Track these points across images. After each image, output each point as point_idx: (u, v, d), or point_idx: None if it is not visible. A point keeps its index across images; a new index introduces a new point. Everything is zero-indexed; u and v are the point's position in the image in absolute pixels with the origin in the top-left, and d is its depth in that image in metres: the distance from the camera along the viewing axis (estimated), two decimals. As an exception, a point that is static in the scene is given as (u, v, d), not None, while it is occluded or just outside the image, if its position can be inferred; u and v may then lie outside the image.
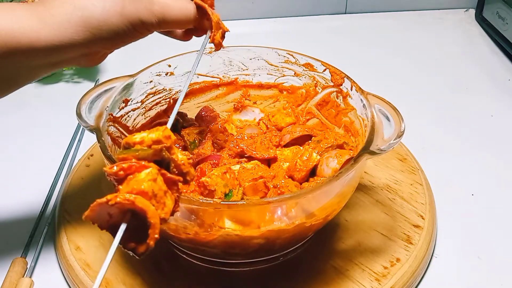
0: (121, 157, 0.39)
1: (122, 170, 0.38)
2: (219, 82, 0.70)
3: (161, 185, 0.38)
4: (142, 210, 0.36)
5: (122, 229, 0.36)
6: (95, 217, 0.37)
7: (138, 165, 0.38)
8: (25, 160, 0.75)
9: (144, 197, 0.36)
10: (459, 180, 0.70)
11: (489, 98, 0.88)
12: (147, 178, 0.37)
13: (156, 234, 0.36)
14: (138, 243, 0.37)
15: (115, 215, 0.37)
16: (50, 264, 0.59)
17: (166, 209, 0.38)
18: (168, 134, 0.40)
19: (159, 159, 0.39)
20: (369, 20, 1.14)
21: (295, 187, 0.56)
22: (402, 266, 0.55)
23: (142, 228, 0.36)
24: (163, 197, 0.38)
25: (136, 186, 0.37)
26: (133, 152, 0.39)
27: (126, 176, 0.38)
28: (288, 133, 0.63)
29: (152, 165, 0.38)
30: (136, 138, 0.40)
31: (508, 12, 0.95)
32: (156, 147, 0.39)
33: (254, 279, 0.55)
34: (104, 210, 0.36)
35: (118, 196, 0.35)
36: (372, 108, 0.54)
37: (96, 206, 0.36)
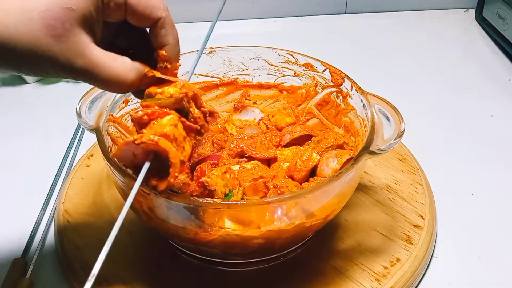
0: (145, 104, 0.42)
1: (146, 115, 0.41)
2: (219, 82, 0.70)
3: (181, 131, 0.42)
4: (165, 151, 0.39)
5: (146, 166, 0.40)
6: (121, 156, 0.41)
7: (160, 111, 0.41)
8: (25, 160, 0.75)
9: (166, 139, 0.40)
10: (459, 180, 0.70)
11: (489, 98, 0.88)
12: (169, 123, 0.41)
13: (177, 173, 0.40)
14: (159, 181, 0.41)
15: (139, 155, 0.41)
16: (50, 264, 0.59)
17: (185, 152, 0.42)
18: (185, 91, 0.43)
19: (179, 107, 0.43)
20: (369, 20, 1.14)
21: (295, 187, 0.56)
22: (402, 266, 0.55)
23: (162, 169, 0.40)
24: (182, 142, 0.42)
25: (159, 130, 0.40)
26: (155, 100, 0.42)
27: (150, 121, 0.41)
28: (288, 133, 0.63)
29: (173, 112, 0.42)
30: (158, 89, 0.43)
31: (508, 12, 0.95)
32: (177, 96, 0.42)
33: (254, 279, 0.55)
34: (129, 150, 0.41)
35: (143, 137, 0.39)
36: (372, 108, 0.54)
37: (123, 145, 0.40)
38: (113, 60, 0.40)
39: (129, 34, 0.45)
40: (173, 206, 0.45)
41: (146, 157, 0.40)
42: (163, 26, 0.43)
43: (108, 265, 0.55)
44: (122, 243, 0.58)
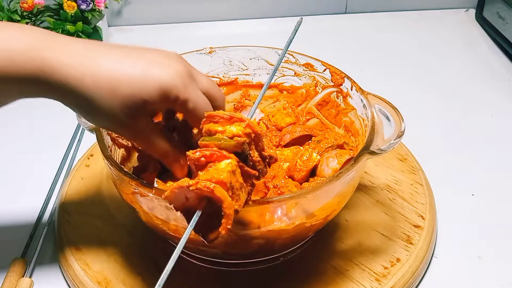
0: (204, 144, 0.40)
1: (204, 156, 0.39)
2: (219, 82, 0.70)
3: (238, 177, 0.40)
4: (219, 200, 0.37)
5: (198, 215, 0.37)
6: (173, 198, 0.38)
7: (219, 154, 0.39)
8: (25, 160, 0.75)
9: (222, 187, 0.37)
10: (459, 180, 0.70)
11: (489, 98, 0.88)
12: (227, 169, 0.39)
13: (229, 225, 0.37)
14: (208, 229, 0.38)
15: (191, 199, 0.38)
16: (50, 264, 0.59)
17: (239, 201, 0.40)
18: (249, 131, 0.41)
19: (239, 151, 0.40)
20: (369, 20, 1.14)
21: (295, 187, 0.56)
22: (402, 266, 0.55)
23: (214, 215, 0.38)
24: (238, 190, 0.40)
25: (216, 175, 0.38)
26: (215, 140, 0.40)
27: (207, 164, 0.39)
28: (288, 133, 0.63)
29: (233, 156, 0.40)
30: (218, 127, 0.41)
31: (508, 12, 0.95)
32: (239, 140, 0.40)
33: (254, 279, 0.55)
34: (182, 193, 0.38)
35: (199, 183, 0.37)
36: (372, 108, 0.54)
37: (176, 188, 0.37)
38: (163, 142, 0.48)
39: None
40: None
41: (199, 202, 0.38)
42: None
43: (108, 265, 0.56)
44: (122, 243, 0.58)
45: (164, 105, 0.45)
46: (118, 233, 0.60)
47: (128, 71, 0.43)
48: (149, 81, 0.43)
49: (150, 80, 0.43)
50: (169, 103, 0.45)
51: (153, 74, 0.43)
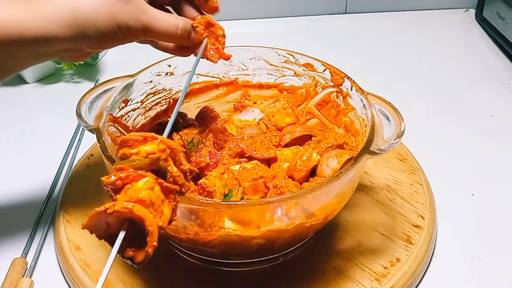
0: (118, 167, 0.39)
1: (119, 179, 0.38)
2: (219, 82, 0.70)
3: (159, 193, 0.39)
4: (140, 218, 0.36)
5: (121, 237, 0.36)
6: (93, 226, 0.37)
7: (135, 174, 0.38)
8: (25, 160, 0.75)
9: (142, 206, 0.37)
10: (459, 180, 0.70)
11: (489, 98, 0.88)
12: (145, 187, 0.38)
13: (155, 242, 0.36)
14: (136, 252, 0.37)
15: (113, 224, 0.37)
16: (50, 264, 0.59)
17: (163, 217, 0.39)
18: (163, 147, 0.40)
19: (156, 168, 0.40)
20: (369, 20, 1.14)
21: (295, 187, 0.56)
22: (402, 266, 0.55)
23: (139, 237, 0.37)
24: (160, 206, 0.39)
25: (134, 195, 0.37)
26: (129, 162, 0.39)
27: (124, 186, 0.38)
28: (288, 133, 0.63)
29: (149, 174, 0.39)
30: (132, 150, 0.40)
31: (508, 12, 0.95)
32: (152, 157, 0.39)
33: (254, 279, 0.55)
34: (102, 220, 0.37)
35: (116, 205, 0.36)
36: (372, 108, 0.54)
37: (94, 215, 0.36)
38: (166, 14, 0.52)
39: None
40: (173, 206, 0.45)
41: (120, 226, 0.37)
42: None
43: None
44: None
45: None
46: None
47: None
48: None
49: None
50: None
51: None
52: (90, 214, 0.36)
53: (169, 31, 0.51)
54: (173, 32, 0.51)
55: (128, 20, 0.49)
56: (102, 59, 1.00)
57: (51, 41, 0.47)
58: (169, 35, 0.52)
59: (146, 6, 0.50)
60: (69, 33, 0.47)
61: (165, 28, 0.51)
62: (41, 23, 0.46)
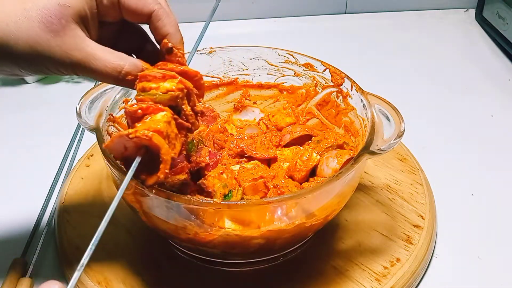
0: (139, 99, 0.42)
1: (141, 109, 0.41)
2: (219, 82, 0.70)
3: (173, 128, 0.42)
4: (157, 147, 0.40)
5: (137, 161, 0.40)
6: (113, 148, 0.41)
7: (155, 107, 0.42)
8: (25, 160, 0.75)
9: (160, 136, 0.40)
10: (459, 180, 0.70)
11: (489, 98, 0.88)
12: (163, 120, 0.41)
13: (167, 169, 0.40)
14: (147, 176, 0.41)
15: (130, 148, 0.41)
16: (50, 264, 0.59)
17: (175, 149, 0.42)
18: (181, 87, 0.43)
19: (173, 104, 0.43)
20: (369, 20, 1.14)
21: (295, 187, 0.56)
22: (402, 266, 0.55)
23: (152, 164, 0.41)
24: (174, 139, 0.42)
25: (153, 125, 0.40)
26: (150, 95, 0.42)
27: (143, 116, 0.41)
28: (288, 133, 0.63)
29: (167, 109, 0.42)
30: (152, 84, 0.42)
31: (508, 12, 0.95)
32: (173, 94, 0.42)
33: (254, 279, 0.55)
34: (121, 143, 0.41)
35: (138, 131, 0.39)
36: (372, 108, 0.54)
37: (116, 137, 0.40)
38: (109, 52, 0.43)
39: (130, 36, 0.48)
40: (173, 206, 0.45)
41: (137, 151, 0.41)
42: (158, 18, 0.44)
43: (108, 265, 0.56)
44: (122, 243, 0.59)
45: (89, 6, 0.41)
46: (118, 233, 0.60)
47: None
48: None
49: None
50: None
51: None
52: (113, 135, 0.39)
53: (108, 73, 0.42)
54: (113, 75, 0.43)
55: (56, 55, 0.40)
56: (102, 59, 1.00)
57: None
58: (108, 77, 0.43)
59: (84, 41, 0.41)
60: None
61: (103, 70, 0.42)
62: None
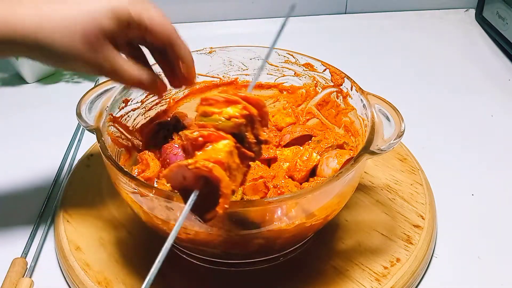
0: (201, 124, 0.40)
1: (202, 136, 0.39)
2: (219, 82, 0.70)
3: (235, 158, 0.39)
4: (218, 179, 0.37)
5: (195, 194, 0.37)
6: (171, 178, 0.38)
7: (217, 134, 0.39)
8: (25, 160, 0.75)
9: (220, 167, 0.37)
10: (459, 180, 0.70)
11: (489, 98, 0.88)
12: (225, 149, 0.38)
13: (227, 204, 0.37)
14: (203, 210, 0.38)
15: (189, 179, 0.38)
16: (50, 264, 0.59)
17: (236, 182, 0.39)
18: (246, 113, 0.40)
19: (236, 132, 0.40)
20: (369, 20, 1.14)
21: (295, 187, 0.56)
22: (402, 266, 0.55)
23: (210, 195, 0.37)
24: (235, 170, 0.39)
25: (214, 155, 0.38)
26: (213, 121, 0.40)
27: (204, 144, 0.39)
28: (288, 133, 0.63)
29: (230, 137, 0.39)
30: (215, 109, 0.40)
31: (508, 12, 0.95)
32: (236, 121, 0.40)
33: (254, 279, 0.55)
34: (180, 173, 0.37)
35: (198, 162, 0.37)
36: (372, 108, 0.54)
37: (175, 167, 0.37)
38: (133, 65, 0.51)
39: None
40: (173, 206, 0.45)
41: (196, 182, 0.38)
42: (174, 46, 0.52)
43: (108, 265, 0.56)
44: (122, 243, 0.59)
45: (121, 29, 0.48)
46: (118, 233, 0.60)
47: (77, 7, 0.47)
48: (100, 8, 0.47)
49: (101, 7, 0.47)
50: (124, 25, 0.48)
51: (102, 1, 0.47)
52: (172, 165, 0.37)
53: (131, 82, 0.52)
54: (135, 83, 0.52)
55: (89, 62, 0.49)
56: (102, 59, 1.00)
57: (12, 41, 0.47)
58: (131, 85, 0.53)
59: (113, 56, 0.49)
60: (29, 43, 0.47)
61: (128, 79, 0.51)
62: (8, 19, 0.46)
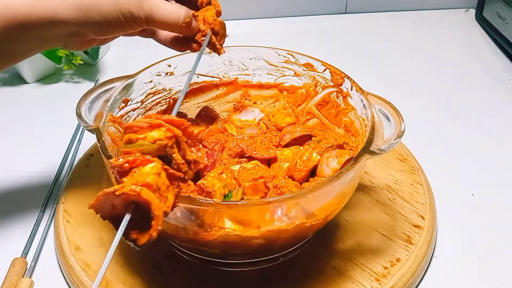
0: (126, 151, 0.40)
1: (127, 162, 0.38)
2: (219, 82, 0.70)
3: (164, 179, 0.39)
4: (147, 202, 0.37)
5: (127, 219, 0.37)
6: (99, 207, 0.37)
7: (143, 158, 0.39)
8: (25, 160, 0.75)
9: (149, 190, 0.37)
10: (459, 180, 0.70)
11: (489, 98, 0.88)
12: (152, 172, 0.38)
13: (159, 226, 0.37)
14: (139, 235, 0.38)
15: (118, 206, 0.37)
16: (50, 264, 0.59)
17: (168, 203, 0.39)
18: (170, 135, 0.41)
19: (162, 154, 0.40)
20: (369, 20, 1.14)
21: (295, 187, 0.56)
22: (402, 266, 0.55)
23: (143, 220, 0.37)
24: (165, 191, 0.39)
25: (141, 179, 0.38)
26: (137, 146, 0.40)
27: (131, 169, 0.39)
28: (288, 133, 0.63)
29: (156, 160, 0.39)
30: (139, 135, 0.41)
31: (508, 12, 0.95)
32: (161, 143, 0.40)
33: (254, 279, 0.55)
34: (108, 201, 0.37)
35: (125, 187, 0.36)
36: (372, 108, 0.54)
37: (102, 196, 0.37)
38: (168, 3, 0.52)
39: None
40: (173, 206, 0.45)
41: (126, 208, 0.37)
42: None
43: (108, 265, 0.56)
44: (122, 243, 0.58)
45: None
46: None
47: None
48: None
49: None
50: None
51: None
52: (98, 194, 0.36)
53: (172, 20, 0.52)
54: (175, 21, 0.52)
55: (132, 8, 0.50)
56: (102, 59, 1.00)
57: (56, 24, 0.48)
58: (172, 24, 0.52)
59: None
60: (74, 16, 0.49)
61: (168, 17, 0.52)
62: (47, 4, 0.47)
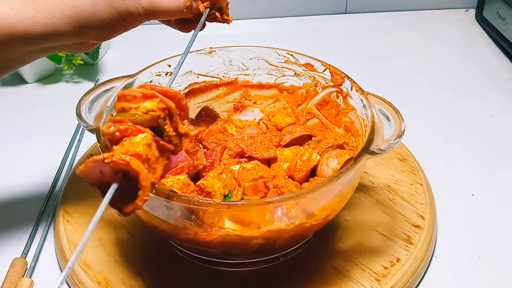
0: (118, 119, 0.39)
1: (118, 131, 0.38)
2: (219, 82, 0.70)
3: (154, 150, 0.39)
4: (135, 172, 0.36)
5: (114, 187, 0.36)
6: (88, 173, 0.37)
7: (134, 128, 0.39)
8: (25, 160, 0.75)
9: (138, 160, 0.37)
10: (459, 180, 0.70)
11: (489, 98, 0.88)
12: (142, 142, 0.38)
13: (146, 196, 0.37)
14: (124, 204, 0.37)
15: (106, 174, 0.37)
16: (50, 264, 0.59)
17: (156, 174, 0.39)
18: (163, 106, 0.40)
19: (154, 125, 0.40)
20: (369, 20, 1.14)
21: (295, 187, 0.56)
22: (402, 266, 0.55)
23: (130, 189, 0.37)
24: (154, 163, 0.39)
25: (132, 148, 0.37)
26: (129, 116, 0.39)
27: (122, 138, 0.38)
28: (288, 133, 0.63)
29: (148, 130, 0.39)
30: (132, 104, 0.40)
31: (508, 12, 0.95)
32: (153, 114, 0.40)
33: (254, 279, 0.55)
34: (97, 168, 0.37)
35: (114, 155, 0.36)
36: (372, 108, 0.54)
37: (91, 162, 0.36)
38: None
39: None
40: (173, 206, 0.45)
41: (114, 176, 0.37)
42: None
43: (108, 265, 0.56)
44: (122, 243, 0.59)
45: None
46: (118, 233, 0.60)
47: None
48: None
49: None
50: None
51: None
52: (87, 160, 0.36)
53: (172, 7, 0.52)
54: (176, 8, 0.53)
55: (129, 7, 0.50)
56: (102, 59, 1.00)
57: (56, 37, 0.49)
58: (173, 11, 0.53)
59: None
60: (73, 29, 0.49)
61: (168, 6, 0.52)
62: (45, 19, 0.47)
